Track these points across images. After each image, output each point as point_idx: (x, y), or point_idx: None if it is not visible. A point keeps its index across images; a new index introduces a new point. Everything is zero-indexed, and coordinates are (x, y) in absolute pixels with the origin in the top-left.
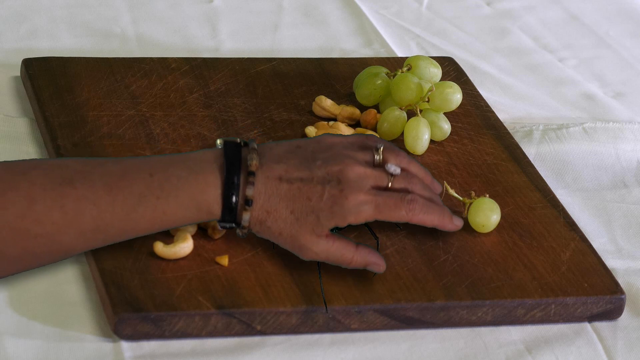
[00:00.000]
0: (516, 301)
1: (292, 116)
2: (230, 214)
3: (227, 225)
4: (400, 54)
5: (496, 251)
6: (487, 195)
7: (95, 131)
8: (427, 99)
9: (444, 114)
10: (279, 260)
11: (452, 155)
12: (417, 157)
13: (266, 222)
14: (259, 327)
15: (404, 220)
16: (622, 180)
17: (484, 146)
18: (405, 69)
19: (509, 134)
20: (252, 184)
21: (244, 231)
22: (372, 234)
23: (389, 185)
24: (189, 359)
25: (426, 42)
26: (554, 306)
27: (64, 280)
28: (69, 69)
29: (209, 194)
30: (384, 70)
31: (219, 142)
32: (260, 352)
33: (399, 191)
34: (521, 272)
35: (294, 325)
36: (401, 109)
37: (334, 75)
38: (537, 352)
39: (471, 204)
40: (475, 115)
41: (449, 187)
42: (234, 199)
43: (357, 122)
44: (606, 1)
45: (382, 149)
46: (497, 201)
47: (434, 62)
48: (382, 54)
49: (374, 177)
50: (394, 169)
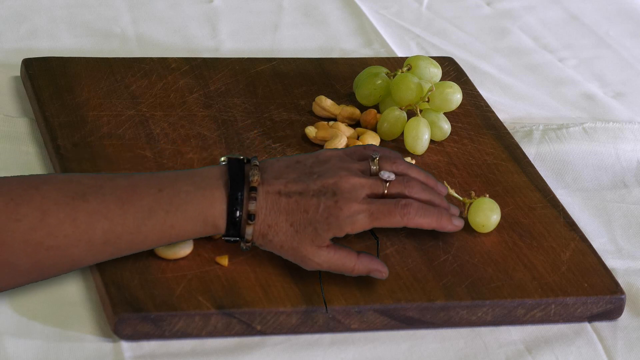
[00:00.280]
0: (516, 301)
1: (292, 116)
2: (234, 228)
3: (232, 239)
4: (400, 54)
5: (496, 251)
6: (487, 195)
7: (95, 131)
8: (427, 99)
9: (444, 114)
10: (279, 260)
11: (452, 155)
12: (417, 157)
13: (268, 235)
14: (259, 327)
15: (400, 225)
16: (622, 180)
17: (484, 146)
18: (405, 69)
19: (509, 134)
20: (254, 199)
21: (248, 245)
22: (372, 234)
23: (385, 192)
24: (189, 359)
25: (426, 42)
26: (554, 306)
27: (64, 280)
28: (69, 69)
29: (215, 209)
30: (384, 70)
31: (223, 159)
32: (260, 352)
33: (396, 197)
34: (521, 272)
35: (294, 325)
36: (401, 109)
37: (334, 75)
38: (537, 352)
39: (471, 204)
40: (475, 115)
41: (449, 187)
42: (237, 214)
43: (357, 122)
44: (606, 1)
45: (377, 158)
46: (497, 201)
47: (434, 62)
48: (382, 54)
49: (369, 185)
50: (387, 175)
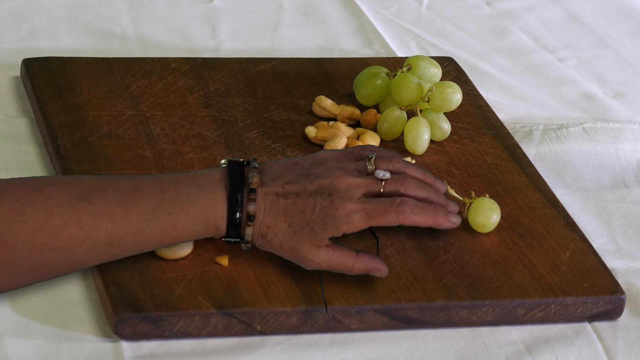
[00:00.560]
0: (516, 301)
1: (292, 116)
2: (234, 230)
3: (232, 240)
4: (400, 54)
5: (496, 251)
6: (487, 195)
7: (95, 131)
8: (427, 99)
9: (444, 114)
10: (279, 260)
11: (452, 155)
12: (417, 157)
13: (267, 236)
14: (259, 327)
15: (396, 223)
16: (622, 180)
17: (484, 146)
18: (405, 69)
19: (509, 134)
20: (254, 201)
21: (248, 245)
22: (372, 234)
23: (381, 190)
24: (189, 359)
25: (426, 42)
26: (554, 306)
27: (64, 280)
28: (69, 69)
29: (216, 211)
30: (384, 70)
31: (223, 161)
32: (260, 352)
33: (392, 195)
34: (521, 272)
35: (294, 325)
36: (401, 109)
37: (334, 75)
38: (537, 352)
39: (471, 204)
40: (475, 115)
41: (448, 187)
42: (237, 215)
43: (357, 122)
44: (606, 1)
45: (374, 158)
46: (497, 201)
47: (434, 62)
48: (382, 54)
49: (365, 185)
50: (382, 174)
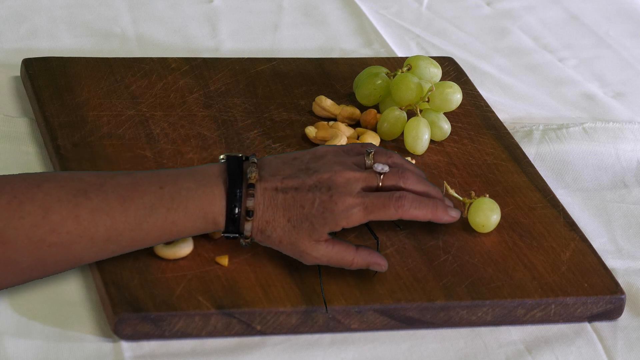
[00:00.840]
0: (516, 301)
1: (292, 116)
2: (233, 225)
3: (231, 235)
4: (400, 54)
5: (496, 251)
6: (487, 195)
7: (95, 131)
8: (427, 99)
9: (444, 114)
10: (279, 260)
11: (452, 155)
12: (417, 157)
13: (266, 231)
14: (259, 327)
15: (395, 217)
16: (622, 180)
17: (484, 146)
18: (405, 69)
19: (509, 134)
20: (252, 196)
21: (247, 241)
22: (372, 234)
23: (380, 184)
24: (189, 359)
25: (426, 42)
26: (554, 306)
27: (64, 280)
28: (69, 69)
29: (215, 206)
30: (384, 70)
31: (222, 157)
32: (260, 352)
33: (391, 189)
34: (521, 272)
35: (294, 325)
36: (401, 109)
37: (334, 75)
38: (537, 352)
39: (471, 204)
40: (475, 115)
41: (449, 187)
42: (236, 211)
43: (357, 122)
44: (606, 1)
45: (372, 152)
46: (497, 201)
47: (434, 62)
48: (382, 54)
49: (364, 179)
50: (381, 167)
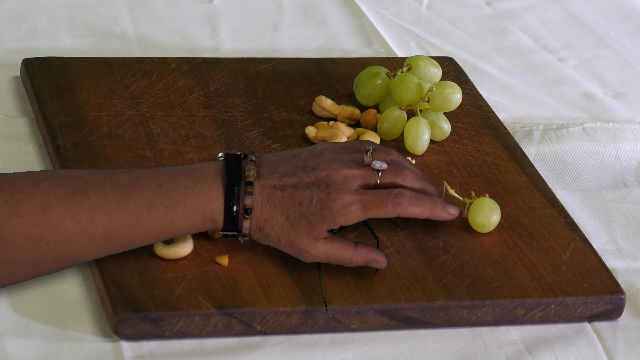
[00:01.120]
0: (516, 301)
1: (292, 116)
2: (231, 223)
3: (230, 233)
4: (400, 54)
5: (496, 251)
6: (487, 195)
7: (95, 131)
8: (427, 99)
9: (444, 114)
10: (279, 260)
11: (452, 155)
12: (417, 157)
13: (264, 229)
14: (259, 327)
15: (394, 215)
16: (622, 180)
17: (484, 146)
18: (405, 69)
19: (509, 134)
20: (251, 194)
21: (245, 239)
22: (372, 234)
23: (378, 181)
24: (189, 359)
25: (426, 42)
26: (554, 306)
27: (64, 280)
28: (69, 69)
29: (213, 204)
30: (384, 70)
31: (220, 154)
32: (260, 352)
33: (389, 186)
34: (521, 272)
35: (294, 325)
36: (401, 109)
37: (334, 75)
38: (537, 352)
39: (471, 204)
40: (475, 115)
41: (449, 187)
42: (235, 209)
43: (357, 122)
44: (606, 1)
45: (371, 150)
46: (497, 201)
47: (434, 62)
48: (382, 54)
49: (361, 176)
50: (379, 164)
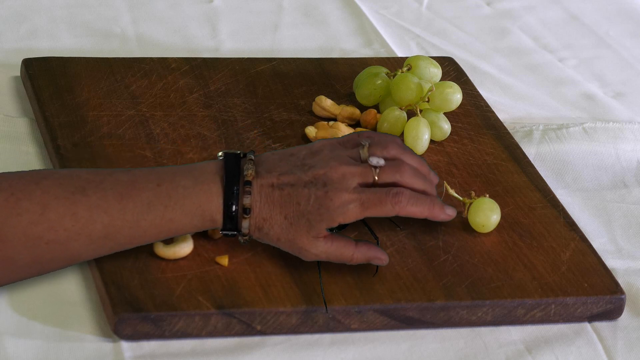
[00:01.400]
0: (516, 301)
1: (292, 116)
2: (231, 222)
3: (229, 233)
4: (400, 54)
5: (496, 251)
6: (487, 195)
7: (95, 131)
8: (427, 99)
9: (444, 114)
10: (279, 260)
11: (452, 155)
12: None
13: (264, 228)
14: (259, 327)
15: (392, 214)
16: (622, 180)
17: (484, 146)
18: (405, 69)
19: (509, 134)
20: (249, 193)
21: (245, 238)
22: (372, 234)
23: (376, 179)
24: (189, 359)
25: (426, 42)
26: (554, 306)
27: (64, 280)
28: (69, 69)
29: (212, 203)
30: (384, 70)
31: (220, 154)
32: (260, 352)
33: (388, 184)
34: (521, 272)
35: (294, 325)
36: (401, 109)
37: (334, 75)
38: (537, 352)
39: (471, 204)
40: (475, 115)
41: (449, 187)
42: (233, 208)
43: (357, 122)
44: (606, 1)
45: (367, 145)
46: (497, 201)
47: (434, 62)
48: (382, 54)
49: (359, 174)
50: (376, 161)
